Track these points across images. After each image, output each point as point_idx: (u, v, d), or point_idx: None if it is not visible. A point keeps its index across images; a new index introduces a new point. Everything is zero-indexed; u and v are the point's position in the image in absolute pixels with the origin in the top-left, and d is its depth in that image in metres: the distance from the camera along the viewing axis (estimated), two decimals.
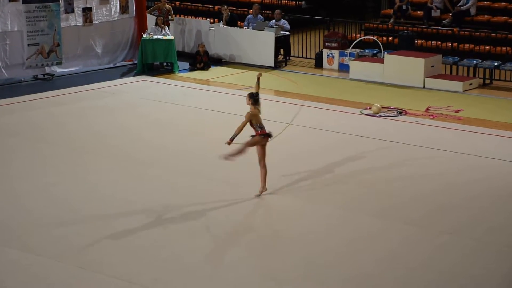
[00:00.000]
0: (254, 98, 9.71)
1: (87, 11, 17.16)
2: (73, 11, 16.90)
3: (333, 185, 10.43)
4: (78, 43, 17.12)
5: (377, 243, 8.61)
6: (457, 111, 14.13)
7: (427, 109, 14.22)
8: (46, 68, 16.65)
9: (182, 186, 10.31)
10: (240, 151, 9.64)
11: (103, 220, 9.20)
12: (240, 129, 9.50)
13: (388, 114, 13.90)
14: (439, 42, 17.74)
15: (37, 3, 16.17)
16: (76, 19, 17.01)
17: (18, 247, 8.48)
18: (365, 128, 13.00)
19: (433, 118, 13.70)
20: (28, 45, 16.17)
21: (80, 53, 17.21)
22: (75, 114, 14.02)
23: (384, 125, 13.31)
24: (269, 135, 9.74)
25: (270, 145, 10.44)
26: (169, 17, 18.43)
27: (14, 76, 16.30)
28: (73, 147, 12.00)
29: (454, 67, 16.80)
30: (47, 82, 16.50)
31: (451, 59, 16.87)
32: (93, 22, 17.29)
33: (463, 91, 15.60)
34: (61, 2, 16.60)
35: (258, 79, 10.06)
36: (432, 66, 16.19)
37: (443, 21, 18.45)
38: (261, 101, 9.80)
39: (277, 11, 18.68)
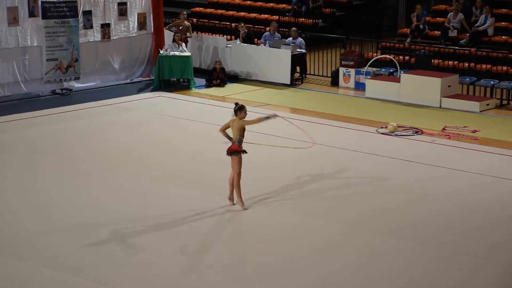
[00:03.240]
0: (234, 109, 9.95)
1: (105, 27, 17.32)
2: (91, 27, 17.06)
3: (345, 202, 10.41)
4: (96, 59, 17.26)
5: (385, 260, 8.58)
6: (474, 131, 14.08)
7: (444, 129, 14.19)
8: (64, 83, 16.78)
9: (198, 201, 10.33)
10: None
11: (112, 234, 9.23)
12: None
13: (404, 133, 13.87)
14: (456, 62, 17.71)
15: (57, 19, 16.35)
16: (95, 35, 17.17)
17: (35, 260, 8.52)
18: (381, 147, 12.98)
19: (450, 138, 13.66)
20: (47, 60, 16.33)
21: (97, 68, 17.35)
22: (92, 128, 14.12)
23: (399, 144, 13.29)
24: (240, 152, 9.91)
25: (287, 162, 10.50)
26: (188, 33, 18.54)
27: (33, 91, 16.44)
28: (88, 161, 12.07)
29: (471, 87, 16.76)
30: (65, 97, 16.63)
31: (468, 79, 16.83)
32: (111, 38, 17.43)
33: (480, 111, 15.55)
34: (80, 18, 16.76)
35: (268, 117, 10.06)
36: (449, 86, 16.16)
37: (460, 41, 18.44)
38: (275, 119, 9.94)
39: (294, 29, 18.75)
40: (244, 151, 9.95)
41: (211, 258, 8.72)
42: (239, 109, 9.96)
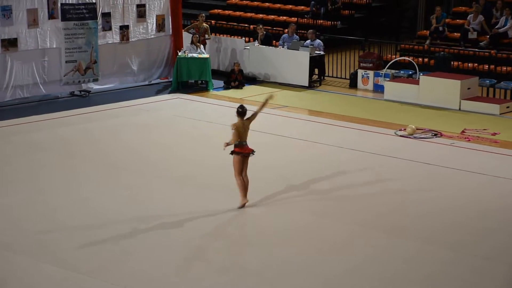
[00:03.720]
0: (237, 111, 10.03)
1: (124, 29, 17.37)
2: (110, 28, 17.12)
3: (361, 203, 10.38)
4: (114, 61, 17.32)
5: (414, 267, 8.51)
6: (494, 134, 13.95)
7: (463, 131, 14.07)
8: (82, 84, 16.86)
9: (215, 202, 10.32)
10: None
11: (135, 234, 9.24)
12: (233, 140, 9.93)
13: (422, 136, 13.78)
14: (476, 64, 17.56)
15: (76, 21, 16.42)
16: (113, 37, 17.22)
17: (51, 261, 8.55)
18: (399, 150, 12.90)
19: (469, 140, 13.54)
20: (66, 62, 16.41)
21: (116, 70, 17.40)
22: (110, 130, 14.16)
23: (418, 146, 13.19)
24: (245, 155, 9.95)
25: (304, 163, 10.40)
26: (206, 35, 18.55)
27: (52, 92, 16.53)
28: (107, 163, 12.10)
29: (491, 89, 16.62)
30: (84, 99, 16.70)
31: (488, 81, 16.69)
32: (130, 40, 17.48)
33: (500, 114, 15.41)
34: (99, 20, 16.83)
35: (267, 100, 10.21)
36: (469, 88, 16.03)
37: (480, 43, 18.29)
38: (287, 120, 9.93)
39: (310, 31, 18.68)
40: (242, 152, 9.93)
41: (218, 258, 8.70)
42: (246, 111, 9.96)
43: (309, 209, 10.15)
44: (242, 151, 9.98)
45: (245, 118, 10.07)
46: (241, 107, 10.15)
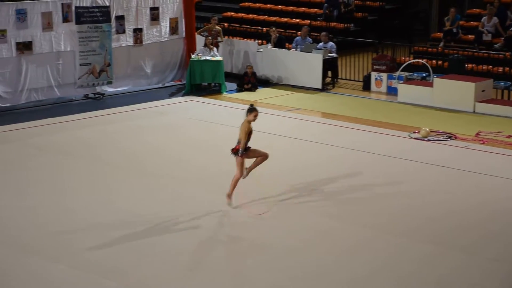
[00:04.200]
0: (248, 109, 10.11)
1: (137, 31, 17.43)
2: (124, 31, 17.19)
3: (375, 206, 10.36)
4: (128, 63, 17.38)
5: (426, 269, 8.49)
6: (509, 136, 13.88)
7: (477, 134, 14.01)
8: (96, 87, 16.93)
9: (223, 204, 10.33)
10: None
11: (148, 240, 9.27)
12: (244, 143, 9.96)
13: (437, 138, 13.73)
14: (490, 66, 17.49)
15: (90, 24, 16.50)
16: (127, 40, 17.29)
17: (67, 263, 8.59)
18: (413, 152, 12.85)
19: (484, 143, 13.47)
20: (80, 64, 16.49)
21: (130, 73, 17.47)
22: (124, 132, 14.21)
23: (432, 149, 13.15)
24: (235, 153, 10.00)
25: (318, 165, 10.34)
26: (219, 38, 18.59)
27: (66, 95, 16.61)
28: (121, 165, 12.14)
29: (505, 92, 16.54)
30: (98, 101, 16.77)
31: (502, 83, 16.61)
32: (143, 43, 17.54)
33: None
34: (113, 23, 16.90)
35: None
36: (483, 91, 15.96)
37: (495, 45, 18.20)
38: (301, 123, 9.96)
39: (323, 33, 18.67)
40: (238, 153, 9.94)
41: (233, 262, 8.72)
42: (254, 109, 10.01)
43: (324, 213, 10.11)
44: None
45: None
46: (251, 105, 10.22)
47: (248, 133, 10.03)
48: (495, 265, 8.60)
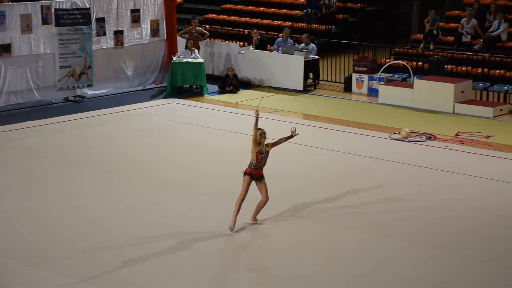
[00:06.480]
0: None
1: (118, 34, 17.36)
2: (104, 34, 17.11)
3: (358, 209, 10.36)
4: (109, 66, 17.31)
5: (404, 267, 8.53)
6: (487, 137, 13.98)
7: (457, 134, 14.10)
8: (77, 90, 16.83)
9: (209, 208, 10.30)
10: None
11: (133, 241, 9.23)
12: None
13: (417, 139, 13.80)
14: (470, 67, 17.61)
15: (70, 26, 16.41)
16: (108, 42, 17.22)
17: (47, 267, 8.53)
18: (394, 153, 12.92)
19: (463, 143, 13.56)
20: (60, 67, 16.39)
21: (110, 75, 17.39)
22: (105, 135, 14.14)
23: (412, 150, 13.21)
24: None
25: (300, 167, 10.25)
26: (201, 37, 18.51)
27: (46, 98, 16.49)
28: (102, 169, 12.09)
29: (484, 92, 16.66)
30: (78, 104, 16.67)
31: (481, 84, 16.73)
32: (124, 45, 17.47)
33: (494, 117, 15.44)
34: (93, 25, 16.82)
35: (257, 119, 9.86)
36: (462, 92, 16.07)
37: (474, 47, 18.33)
38: (282, 124, 9.91)
39: (305, 35, 18.71)
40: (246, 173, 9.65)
41: (226, 267, 8.70)
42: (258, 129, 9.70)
43: (313, 217, 10.03)
44: (252, 173, 9.68)
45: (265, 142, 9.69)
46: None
47: (259, 153, 9.66)
48: (494, 268, 8.63)
